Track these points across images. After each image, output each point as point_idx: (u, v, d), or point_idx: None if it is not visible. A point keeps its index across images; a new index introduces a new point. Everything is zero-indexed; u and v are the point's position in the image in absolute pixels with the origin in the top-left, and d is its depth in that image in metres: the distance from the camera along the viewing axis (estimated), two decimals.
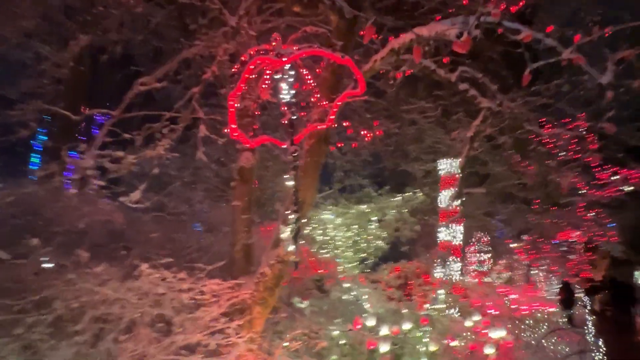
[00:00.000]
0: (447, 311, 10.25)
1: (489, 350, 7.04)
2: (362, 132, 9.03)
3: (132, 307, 4.47)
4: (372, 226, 14.17)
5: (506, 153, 8.67)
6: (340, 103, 5.33)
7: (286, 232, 4.58)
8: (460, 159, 5.66)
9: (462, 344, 7.63)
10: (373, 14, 6.16)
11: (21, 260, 4.77)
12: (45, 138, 13.36)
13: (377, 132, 9.38)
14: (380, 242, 14.27)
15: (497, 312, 11.20)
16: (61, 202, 6.40)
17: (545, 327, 13.59)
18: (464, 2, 5.28)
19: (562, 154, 8.23)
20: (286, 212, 5.42)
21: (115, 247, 6.77)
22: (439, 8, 6.69)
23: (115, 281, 4.67)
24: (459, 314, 10.94)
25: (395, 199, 13.69)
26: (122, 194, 5.07)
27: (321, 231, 13.55)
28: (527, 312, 12.87)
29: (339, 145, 9.78)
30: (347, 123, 8.17)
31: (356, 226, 14.17)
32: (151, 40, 9.99)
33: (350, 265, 13.83)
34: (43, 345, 4.13)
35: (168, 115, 5.08)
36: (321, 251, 13.25)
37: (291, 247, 4.52)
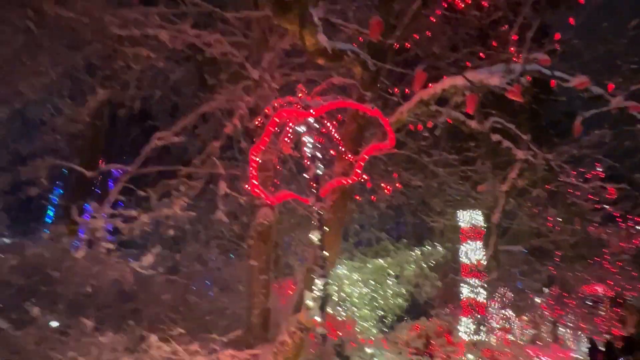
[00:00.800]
0: None
1: None
2: (381, 185, 8.65)
3: None
4: (390, 282, 13.42)
5: (538, 207, 8.21)
6: (367, 156, 5.04)
7: (311, 299, 4.08)
8: (495, 214, 5.20)
9: None
10: (394, 66, 5.98)
11: (20, 332, 4.28)
12: (62, 192, 13.21)
13: (397, 185, 9.00)
14: (399, 299, 13.45)
15: None
16: (69, 262, 5.98)
17: None
18: (509, 47, 5.05)
19: (593, 204, 7.74)
20: (310, 275, 4.97)
21: (125, 310, 6.26)
22: (461, 60, 6.54)
23: (121, 353, 4.14)
24: None
25: (415, 252, 13.03)
26: (133, 255, 4.65)
27: (336, 288, 12.84)
28: None
29: (357, 198, 9.37)
30: (366, 176, 7.79)
31: (373, 282, 13.44)
32: (169, 96, 10.00)
33: (367, 324, 12.97)
34: None
35: (185, 171, 4.76)
36: (337, 308, 12.49)
37: (318, 317, 3.98)
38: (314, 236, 4.20)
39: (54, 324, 5.10)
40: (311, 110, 3.87)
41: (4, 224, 6.20)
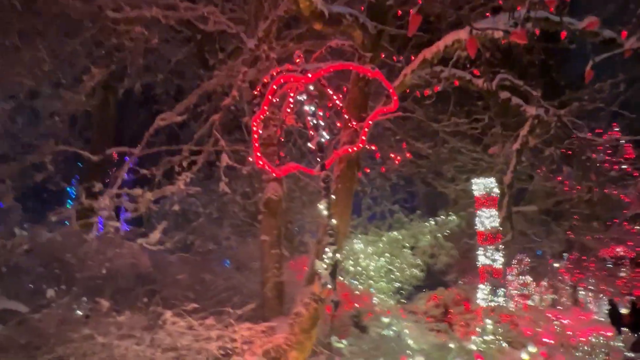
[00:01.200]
0: (499, 343, 9.30)
1: None
2: (391, 155, 8.51)
3: None
4: (406, 253, 13.39)
5: (551, 166, 7.98)
6: (371, 122, 4.90)
7: (322, 267, 4.03)
8: (507, 175, 5.05)
9: None
10: (396, 28, 5.77)
11: (38, 314, 4.35)
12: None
13: (407, 154, 8.85)
14: (415, 270, 13.43)
15: (551, 341, 10.14)
16: (84, 246, 6.04)
17: (602, 353, 12.35)
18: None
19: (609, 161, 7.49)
20: (321, 244, 4.93)
21: (141, 291, 6.34)
22: (464, 18, 6.27)
23: (138, 330, 4.19)
24: (507, 344, 9.95)
25: (429, 223, 12.93)
26: (144, 236, 4.66)
27: (352, 262, 12.87)
28: (584, 338, 11.65)
29: (366, 170, 9.26)
30: (374, 147, 7.66)
31: (388, 254, 13.43)
32: (172, 79, 9.94)
33: (384, 296, 13.02)
34: None
35: (187, 147, 4.71)
36: (354, 282, 12.55)
37: (329, 284, 3.95)
38: (322, 205, 4.13)
39: (73, 307, 5.20)
40: (308, 74, 3.73)
41: (20, 216, 6.26)
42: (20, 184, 5.85)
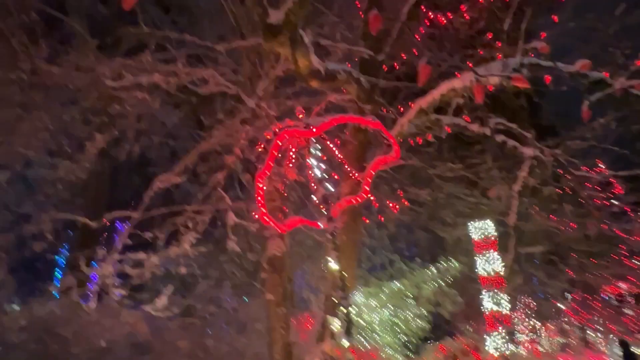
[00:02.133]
0: None
1: None
2: (388, 204, 8.50)
3: None
4: (409, 304, 13.03)
5: (551, 206, 8.04)
6: (373, 172, 4.94)
7: (337, 324, 3.87)
8: (510, 216, 5.05)
9: None
10: (388, 81, 5.99)
11: None
12: (68, 253, 13.06)
13: (404, 202, 8.86)
14: (420, 321, 13.01)
15: None
16: (80, 318, 5.75)
17: None
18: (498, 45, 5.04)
19: (605, 199, 7.59)
20: (330, 300, 4.77)
21: None
22: (453, 68, 6.55)
23: None
24: None
25: (430, 271, 12.70)
26: (145, 301, 4.46)
27: (355, 316, 12.45)
28: None
29: (364, 220, 9.22)
30: (372, 196, 7.67)
31: (392, 306, 13.06)
32: (167, 142, 10.03)
33: (392, 351, 12.50)
34: None
35: (191, 208, 4.64)
36: (358, 337, 12.07)
37: (345, 342, 3.77)
38: (331, 258, 4.04)
39: None
40: (312, 129, 3.78)
41: (13, 289, 6.00)
42: (15, 255, 5.65)
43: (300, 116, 3.95)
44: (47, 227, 4.46)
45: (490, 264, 11.81)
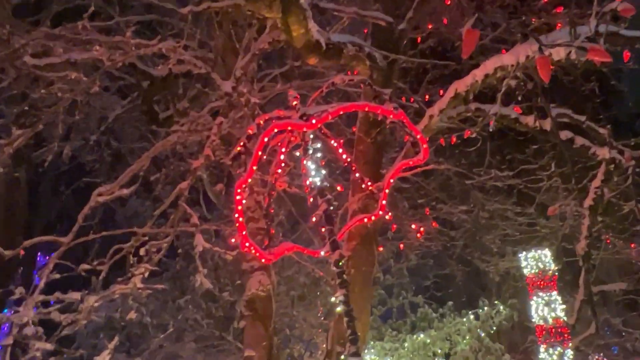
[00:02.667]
0: None
1: None
2: (411, 227, 8.51)
3: None
4: None
5: (633, 228, 8.00)
6: (392, 181, 4.92)
7: None
8: (580, 242, 5.06)
9: None
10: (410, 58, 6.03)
11: None
12: None
13: (432, 224, 8.86)
14: None
15: None
16: None
17: None
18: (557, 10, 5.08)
19: None
20: (336, 356, 4.72)
21: None
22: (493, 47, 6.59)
23: None
24: None
25: (467, 318, 12.65)
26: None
27: None
28: None
29: (379, 249, 9.22)
30: (389, 216, 7.69)
31: None
32: (109, 141, 10.02)
33: None
34: None
35: (142, 231, 4.59)
36: None
37: None
38: (337, 299, 3.99)
39: None
40: (311, 120, 3.76)
41: None
42: None
43: (295, 103, 3.91)
44: None
45: (549, 308, 11.85)
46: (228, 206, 6.80)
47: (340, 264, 4.05)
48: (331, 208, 4.13)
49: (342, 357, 4.50)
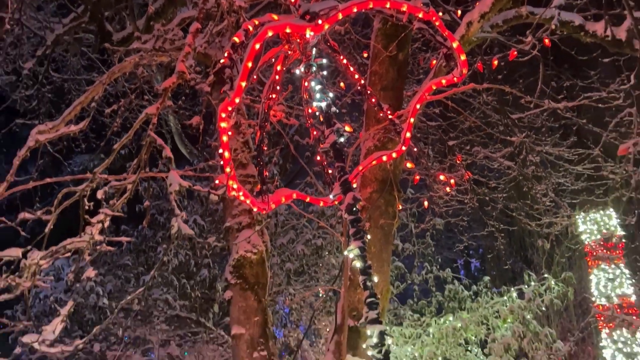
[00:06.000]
0: None
1: None
2: (439, 178, 8.50)
3: None
4: (473, 354, 13.24)
5: None
6: (420, 106, 4.90)
7: None
8: None
9: None
10: None
11: None
12: None
13: (465, 174, 8.85)
14: None
15: None
16: None
17: None
18: None
19: None
20: (350, 325, 4.82)
21: None
22: None
23: None
24: None
25: (508, 297, 12.84)
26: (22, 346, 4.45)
27: None
28: None
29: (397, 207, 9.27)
30: (411, 164, 7.70)
31: (441, 358, 13.28)
32: (47, 73, 9.93)
33: None
34: None
35: (100, 168, 4.59)
36: None
37: None
38: (351, 255, 4.01)
39: None
40: (317, 21, 3.71)
41: None
42: None
43: None
44: None
45: (613, 284, 12.00)
46: (207, 145, 6.81)
47: (355, 209, 4.08)
48: (341, 140, 4.13)
49: (360, 322, 4.55)
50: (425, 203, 9.77)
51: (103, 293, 10.05)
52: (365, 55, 5.67)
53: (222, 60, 4.05)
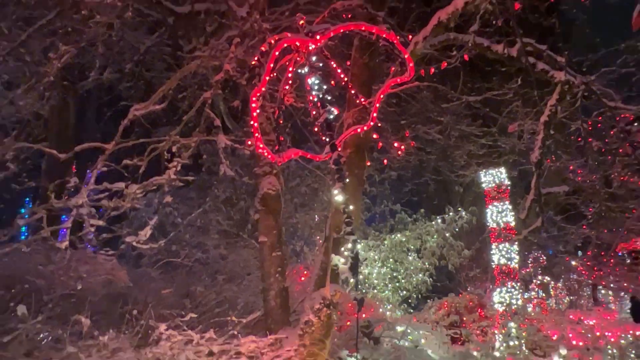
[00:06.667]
0: (522, 348, 9.25)
1: None
2: (394, 145, 8.41)
3: None
4: (411, 257, 13.27)
5: (577, 143, 7.97)
6: (383, 96, 4.79)
7: (340, 261, 3.87)
8: (534, 151, 5.00)
9: None
10: None
11: (7, 337, 4.05)
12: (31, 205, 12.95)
13: (411, 143, 8.77)
14: (422, 276, 13.31)
15: (582, 344, 10.11)
16: (52, 263, 5.72)
17: (633, 354, 12.46)
18: None
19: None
20: (330, 238, 4.79)
21: (122, 312, 6.04)
22: None
23: (129, 350, 3.94)
24: (534, 349, 9.90)
25: (435, 222, 12.83)
26: (125, 235, 4.42)
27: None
28: (613, 339, 11.67)
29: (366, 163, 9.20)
30: (376, 135, 7.56)
31: (392, 260, 13.29)
32: (141, 72, 9.70)
33: (390, 306, 12.86)
34: None
35: (175, 132, 4.50)
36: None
37: (350, 279, 3.78)
38: (336, 191, 3.97)
39: (45, 332, 4.89)
40: (316, 36, 3.59)
41: None
42: None
43: (301, 22, 3.73)
44: (11, 155, 4.28)
45: (501, 214, 11.98)
46: (244, 121, 6.67)
47: (338, 162, 4.02)
48: (330, 117, 4.04)
49: (340, 233, 4.52)
50: (385, 161, 9.71)
51: (177, 214, 9.97)
52: (348, 63, 5.48)
53: (253, 63, 3.96)
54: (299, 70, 4.24)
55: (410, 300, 13.63)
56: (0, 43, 5.71)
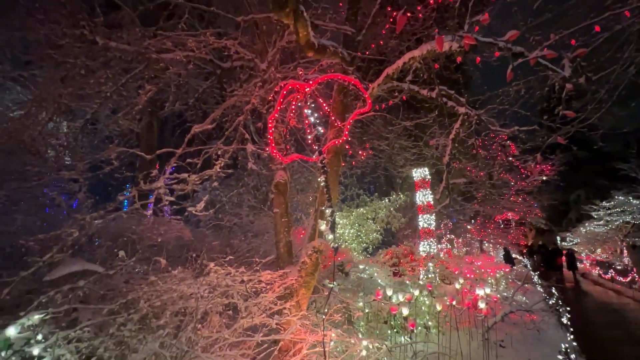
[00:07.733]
0: (436, 279, 9.35)
1: (482, 305, 6.17)
2: (359, 152, 8.39)
3: (204, 299, 3.68)
4: (369, 223, 13.35)
5: (471, 151, 8.09)
6: (352, 121, 4.76)
7: (324, 225, 3.86)
8: (445, 157, 4.99)
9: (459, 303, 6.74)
10: (364, 55, 5.65)
11: (111, 272, 3.99)
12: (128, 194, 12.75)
13: (369, 151, 8.75)
14: (375, 234, 13.39)
15: (473, 276, 10.29)
16: (141, 224, 5.66)
17: (504, 283, 12.72)
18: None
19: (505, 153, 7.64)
20: (318, 210, 4.76)
21: (186, 256, 5.99)
22: (420, 39, 6.19)
23: (190, 279, 3.89)
24: (444, 279, 10.03)
25: (384, 201, 12.92)
26: (188, 206, 4.34)
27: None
28: (492, 273, 11.92)
29: (341, 164, 9.17)
30: (347, 146, 7.54)
31: (357, 224, 13.34)
32: (199, 105, 9.53)
33: (357, 253, 12.94)
34: (133, 341, 3.31)
35: (220, 142, 4.42)
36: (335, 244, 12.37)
37: (331, 235, 3.78)
38: (321, 180, 3.96)
39: (137, 268, 4.83)
40: (309, 81, 3.54)
41: (91, 205, 5.79)
42: (89, 182, 5.41)
43: (300, 73, 3.68)
44: (114, 156, 4.19)
45: (424, 197, 12.11)
46: (264, 135, 6.58)
47: (323, 162, 4.00)
48: (319, 134, 4.01)
49: (324, 207, 4.49)
50: (353, 162, 9.67)
51: (222, 194, 9.80)
52: (330, 100, 5.40)
53: (269, 98, 3.90)
54: (299, 104, 4.21)
55: (368, 249, 13.72)
56: (107, 84, 5.57)
